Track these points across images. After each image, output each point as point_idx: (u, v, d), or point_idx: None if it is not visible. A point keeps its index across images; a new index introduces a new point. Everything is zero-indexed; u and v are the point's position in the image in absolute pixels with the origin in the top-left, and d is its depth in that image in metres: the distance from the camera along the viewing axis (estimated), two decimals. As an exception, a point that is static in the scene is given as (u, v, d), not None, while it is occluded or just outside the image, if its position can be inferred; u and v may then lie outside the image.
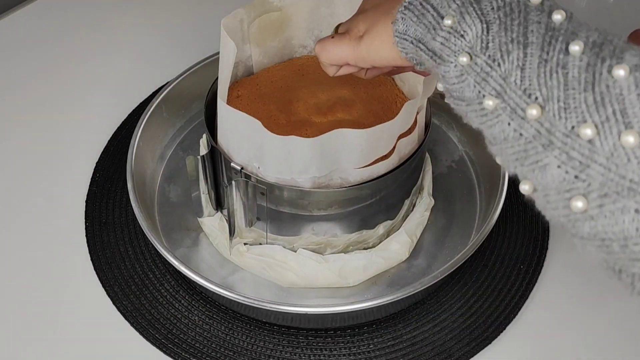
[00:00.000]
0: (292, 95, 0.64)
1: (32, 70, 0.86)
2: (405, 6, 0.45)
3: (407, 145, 0.60)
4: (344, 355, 0.62)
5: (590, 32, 0.38)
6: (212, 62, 0.75)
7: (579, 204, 0.35)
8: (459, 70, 0.41)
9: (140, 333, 0.63)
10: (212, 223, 0.68)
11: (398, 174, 0.61)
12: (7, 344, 0.62)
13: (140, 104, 0.81)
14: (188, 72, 0.75)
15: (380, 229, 0.65)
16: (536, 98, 0.37)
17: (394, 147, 0.58)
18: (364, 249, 0.67)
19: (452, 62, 0.41)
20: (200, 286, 0.61)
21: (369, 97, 0.65)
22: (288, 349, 0.62)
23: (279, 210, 0.61)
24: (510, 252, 0.68)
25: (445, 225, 0.71)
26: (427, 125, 0.63)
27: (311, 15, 0.66)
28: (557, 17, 0.39)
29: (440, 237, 0.70)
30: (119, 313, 0.64)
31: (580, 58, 0.36)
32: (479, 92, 0.40)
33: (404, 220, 0.69)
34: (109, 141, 0.77)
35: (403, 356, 0.62)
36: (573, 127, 0.35)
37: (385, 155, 0.59)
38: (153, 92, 0.81)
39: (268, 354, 0.62)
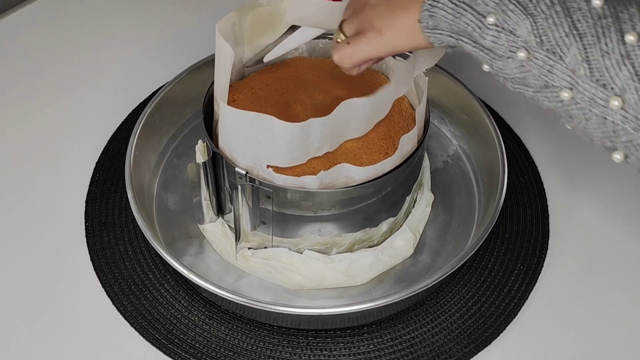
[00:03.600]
0: (289, 97, 0.64)
1: (32, 70, 0.86)
2: (430, 4, 0.45)
3: (409, 143, 0.61)
4: (344, 355, 0.62)
5: (635, 16, 0.39)
6: (203, 66, 0.74)
7: None
8: (518, 63, 0.42)
9: (140, 333, 0.63)
10: (214, 229, 0.68)
11: (400, 172, 0.61)
12: (7, 343, 0.62)
13: (140, 104, 0.81)
14: (180, 79, 0.73)
15: (384, 226, 0.66)
16: (612, 88, 0.39)
17: (396, 146, 0.59)
18: (369, 247, 0.67)
19: (509, 58, 0.42)
20: (201, 287, 0.61)
21: (365, 96, 0.65)
22: (288, 349, 0.62)
23: (283, 212, 0.61)
24: (510, 252, 0.69)
25: (446, 220, 0.71)
26: (427, 123, 0.63)
27: None
28: (596, 2, 0.40)
29: (442, 232, 0.70)
30: (119, 313, 0.64)
31: None
32: (546, 82, 0.41)
33: (406, 216, 0.69)
34: (108, 141, 0.77)
35: (403, 357, 0.62)
36: None
37: (388, 154, 0.61)
38: (153, 92, 0.81)
39: (268, 355, 0.62)
